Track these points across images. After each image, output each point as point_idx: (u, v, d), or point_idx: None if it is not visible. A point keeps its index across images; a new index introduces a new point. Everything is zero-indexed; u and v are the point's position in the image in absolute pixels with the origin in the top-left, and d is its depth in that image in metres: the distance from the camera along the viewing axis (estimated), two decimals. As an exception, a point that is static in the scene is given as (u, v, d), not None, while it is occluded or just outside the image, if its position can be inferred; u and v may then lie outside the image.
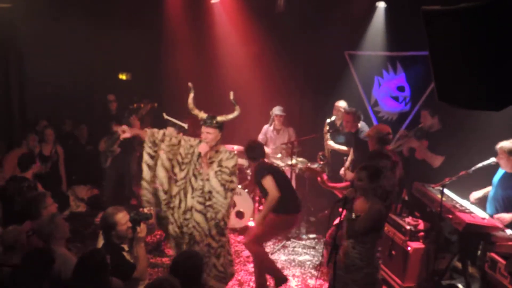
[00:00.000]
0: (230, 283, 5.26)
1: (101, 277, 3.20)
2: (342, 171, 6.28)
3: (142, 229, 3.88)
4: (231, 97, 4.49)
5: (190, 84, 4.58)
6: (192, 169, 4.50)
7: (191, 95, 4.58)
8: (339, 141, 6.59)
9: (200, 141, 4.51)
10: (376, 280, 3.81)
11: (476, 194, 5.07)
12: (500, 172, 4.84)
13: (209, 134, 4.39)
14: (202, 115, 4.45)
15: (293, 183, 6.70)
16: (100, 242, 4.00)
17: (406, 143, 5.77)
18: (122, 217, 3.80)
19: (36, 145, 6.59)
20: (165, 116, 5.53)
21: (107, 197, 6.98)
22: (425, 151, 5.59)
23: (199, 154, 4.47)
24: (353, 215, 3.67)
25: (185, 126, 6.10)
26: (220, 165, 4.43)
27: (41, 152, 6.62)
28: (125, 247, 3.90)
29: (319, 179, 4.68)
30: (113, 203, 6.65)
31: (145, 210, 4.07)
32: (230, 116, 4.43)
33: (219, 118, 4.40)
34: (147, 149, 4.55)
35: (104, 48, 7.75)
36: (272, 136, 7.13)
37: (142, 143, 6.65)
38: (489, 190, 4.97)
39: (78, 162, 7.20)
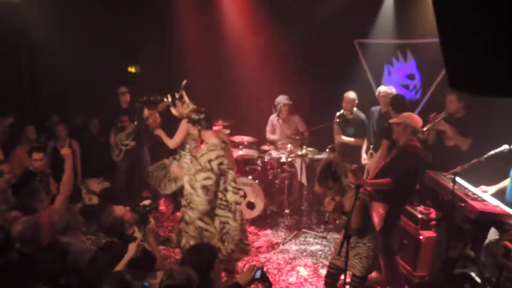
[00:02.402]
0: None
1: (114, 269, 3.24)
2: (363, 160, 6.28)
3: (150, 221, 3.93)
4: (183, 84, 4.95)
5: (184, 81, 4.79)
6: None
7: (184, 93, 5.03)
8: (349, 132, 6.56)
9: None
10: (376, 252, 3.97)
11: (489, 190, 4.96)
12: None
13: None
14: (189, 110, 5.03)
15: (304, 173, 6.71)
16: None
17: (437, 126, 5.53)
18: (121, 210, 3.83)
19: (34, 135, 6.65)
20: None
21: (118, 190, 7.01)
22: (454, 134, 5.41)
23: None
24: (344, 217, 3.82)
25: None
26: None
27: (55, 148, 6.68)
28: (138, 235, 3.94)
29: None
30: (125, 195, 6.75)
31: (145, 202, 4.09)
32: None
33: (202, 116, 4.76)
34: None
35: (114, 41, 7.75)
36: (279, 125, 7.10)
37: (152, 136, 6.79)
38: (503, 185, 4.90)
39: (90, 154, 7.24)
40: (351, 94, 6.54)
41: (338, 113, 6.46)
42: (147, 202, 4.11)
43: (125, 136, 6.88)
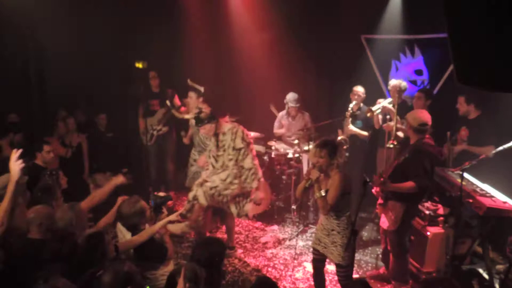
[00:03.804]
0: (248, 269, 5.32)
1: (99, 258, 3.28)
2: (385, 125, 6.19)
3: (164, 212, 4.00)
4: (189, 83, 5.43)
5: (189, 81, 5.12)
6: (210, 153, 5.43)
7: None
8: (357, 126, 6.55)
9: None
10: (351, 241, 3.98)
11: None
12: None
13: (204, 129, 5.25)
14: (190, 117, 5.30)
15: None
16: (119, 229, 4.05)
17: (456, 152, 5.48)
18: (145, 205, 3.87)
19: (66, 131, 6.72)
20: (190, 82, 6.26)
21: (153, 174, 7.26)
22: (473, 149, 5.28)
23: (215, 139, 5.30)
24: (323, 192, 4.05)
25: (202, 89, 6.45)
26: (234, 148, 5.21)
27: (63, 142, 6.72)
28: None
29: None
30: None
31: (161, 193, 4.18)
32: (206, 110, 5.16)
33: (202, 116, 5.12)
34: None
35: (122, 36, 7.75)
36: (288, 122, 7.10)
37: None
38: None
39: (99, 150, 7.26)
40: (359, 88, 6.55)
41: (350, 105, 6.45)
42: (162, 193, 4.25)
43: (156, 121, 7.10)
